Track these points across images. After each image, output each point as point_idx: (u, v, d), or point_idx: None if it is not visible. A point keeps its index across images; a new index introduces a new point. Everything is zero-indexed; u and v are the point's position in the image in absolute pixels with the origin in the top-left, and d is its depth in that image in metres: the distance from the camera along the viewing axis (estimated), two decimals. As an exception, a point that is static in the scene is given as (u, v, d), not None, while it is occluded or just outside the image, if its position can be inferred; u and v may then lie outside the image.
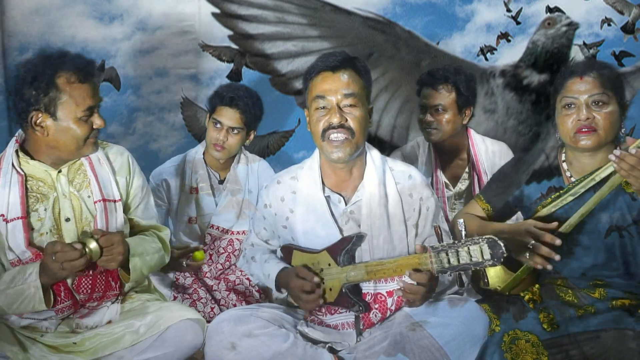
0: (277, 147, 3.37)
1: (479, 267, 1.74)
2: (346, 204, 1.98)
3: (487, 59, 3.29)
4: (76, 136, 1.88)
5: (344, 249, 1.90)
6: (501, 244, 1.71)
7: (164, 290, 2.50)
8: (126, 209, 2.05)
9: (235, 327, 1.84)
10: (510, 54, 3.20)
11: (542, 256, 1.86)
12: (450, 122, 2.60)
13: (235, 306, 2.52)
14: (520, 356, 1.80)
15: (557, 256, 1.84)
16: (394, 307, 1.93)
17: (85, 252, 1.80)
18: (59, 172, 1.94)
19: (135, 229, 2.08)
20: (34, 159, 1.92)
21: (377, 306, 1.93)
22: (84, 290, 1.93)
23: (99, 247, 1.82)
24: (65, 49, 1.94)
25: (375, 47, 2.94)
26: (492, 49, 3.30)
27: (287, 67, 2.95)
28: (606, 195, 1.86)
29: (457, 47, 3.28)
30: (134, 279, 1.97)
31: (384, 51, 2.95)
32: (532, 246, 1.87)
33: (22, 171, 1.90)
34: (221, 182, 2.75)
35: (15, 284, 1.82)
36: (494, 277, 1.98)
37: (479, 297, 2.04)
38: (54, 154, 1.92)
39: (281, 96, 3.03)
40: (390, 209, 1.96)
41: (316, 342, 1.91)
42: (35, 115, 1.84)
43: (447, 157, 2.72)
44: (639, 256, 1.90)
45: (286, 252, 2.04)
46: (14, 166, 1.90)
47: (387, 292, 1.93)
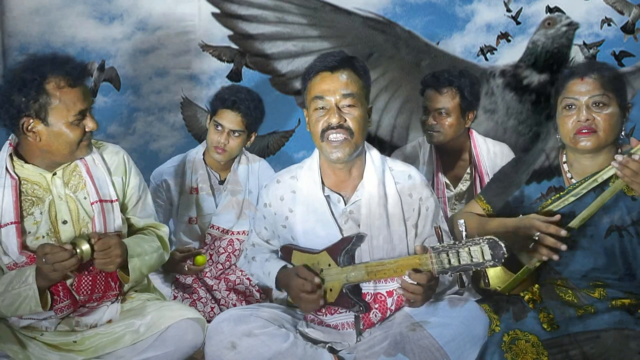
0: (277, 147, 3.37)
1: (479, 268, 1.74)
2: (345, 204, 1.97)
3: (487, 59, 3.29)
4: (69, 140, 1.87)
5: (344, 249, 1.90)
6: (502, 244, 1.70)
7: (164, 289, 2.50)
8: (124, 209, 2.05)
9: (235, 326, 1.84)
10: (510, 54, 3.20)
11: (548, 247, 1.86)
12: (452, 125, 2.60)
13: (235, 306, 2.52)
14: (520, 356, 1.79)
15: (563, 246, 1.84)
16: (394, 307, 1.93)
17: (75, 253, 1.79)
18: (54, 174, 1.93)
19: (133, 228, 2.08)
20: (28, 162, 1.91)
21: (377, 306, 1.93)
22: (83, 290, 1.93)
23: (90, 248, 1.82)
24: (54, 53, 1.92)
25: (375, 47, 2.94)
26: (492, 49, 3.30)
27: (287, 67, 2.95)
28: (608, 200, 1.85)
29: (457, 47, 3.28)
30: (134, 280, 1.97)
31: (384, 51, 2.95)
32: (537, 237, 1.86)
33: (16, 175, 1.89)
34: (221, 182, 2.75)
35: (13, 287, 1.82)
36: (494, 278, 1.98)
37: (479, 297, 2.04)
38: (48, 157, 1.90)
39: (281, 96, 3.02)
40: (389, 209, 1.96)
41: (316, 342, 1.91)
42: (26, 121, 1.83)
43: (449, 157, 2.72)
44: (639, 257, 1.90)
45: (286, 253, 2.03)
46: (7, 170, 1.88)
47: (387, 292, 1.93)
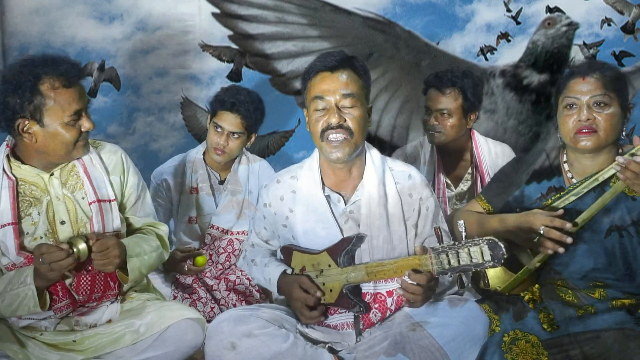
0: (277, 147, 3.37)
1: (479, 268, 1.74)
2: (346, 204, 1.97)
3: (487, 59, 3.29)
4: (65, 141, 1.86)
5: (344, 250, 1.90)
6: (501, 245, 1.71)
7: (164, 289, 2.50)
8: (122, 208, 2.04)
9: (235, 327, 1.84)
10: (510, 54, 3.20)
11: (554, 241, 1.85)
12: (454, 126, 2.59)
13: (235, 306, 2.52)
14: (520, 356, 1.79)
15: (569, 239, 1.83)
16: (393, 307, 1.93)
17: (72, 252, 1.79)
18: (51, 175, 1.92)
19: (132, 227, 2.07)
20: (25, 163, 1.91)
21: (376, 306, 1.93)
22: (82, 290, 1.93)
23: (87, 247, 1.81)
24: (48, 54, 1.91)
25: (375, 47, 2.94)
26: (492, 49, 3.30)
27: (287, 67, 2.95)
28: (608, 201, 1.85)
29: (457, 47, 3.28)
30: (133, 280, 1.96)
31: (384, 51, 2.95)
32: (543, 231, 1.86)
33: (14, 176, 1.89)
34: (221, 182, 2.75)
35: (11, 288, 1.82)
36: (494, 278, 1.98)
37: (479, 297, 2.04)
38: (45, 158, 1.90)
39: (281, 96, 3.03)
40: (389, 208, 1.96)
41: (316, 342, 1.91)
42: (21, 122, 1.82)
43: (450, 158, 2.72)
44: (639, 257, 1.90)
45: (286, 253, 2.03)
46: (4, 171, 1.88)
47: (387, 292, 1.93)
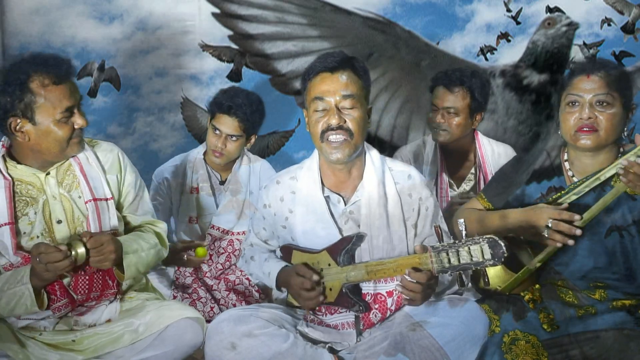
0: (277, 147, 3.37)
1: (479, 267, 1.74)
2: (345, 204, 1.97)
3: (487, 59, 3.29)
4: (58, 138, 1.86)
5: (344, 249, 1.90)
6: (502, 243, 1.71)
7: (164, 289, 2.50)
8: (120, 206, 2.04)
9: (235, 327, 1.84)
10: (510, 54, 3.20)
11: (562, 233, 1.85)
12: (460, 125, 2.59)
13: (235, 306, 2.52)
14: (520, 357, 1.79)
15: (578, 231, 1.83)
16: (393, 307, 1.93)
17: (70, 254, 1.78)
18: (47, 174, 1.92)
19: (130, 226, 2.07)
20: (20, 163, 1.90)
21: (377, 306, 1.93)
22: (81, 290, 1.92)
23: (85, 251, 1.80)
24: (37, 52, 1.91)
25: (375, 47, 2.94)
26: (492, 49, 3.30)
27: (287, 67, 2.95)
28: (610, 202, 1.85)
29: (457, 47, 3.28)
30: (130, 277, 1.95)
31: (384, 51, 2.95)
32: (550, 224, 1.85)
33: (10, 176, 1.88)
34: (222, 182, 2.75)
35: (9, 287, 1.81)
36: (494, 277, 1.98)
37: (479, 297, 2.04)
38: (39, 157, 1.90)
39: (281, 96, 3.03)
40: (389, 209, 1.95)
41: (316, 342, 1.91)
42: (13, 121, 1.82)
43: (454, 158, 2.72)
44: (639, 257, 1.90)
45: (286, 252, 2.03)
46: (0, 171, 1.88)
47: (387, 292, 1.93)
